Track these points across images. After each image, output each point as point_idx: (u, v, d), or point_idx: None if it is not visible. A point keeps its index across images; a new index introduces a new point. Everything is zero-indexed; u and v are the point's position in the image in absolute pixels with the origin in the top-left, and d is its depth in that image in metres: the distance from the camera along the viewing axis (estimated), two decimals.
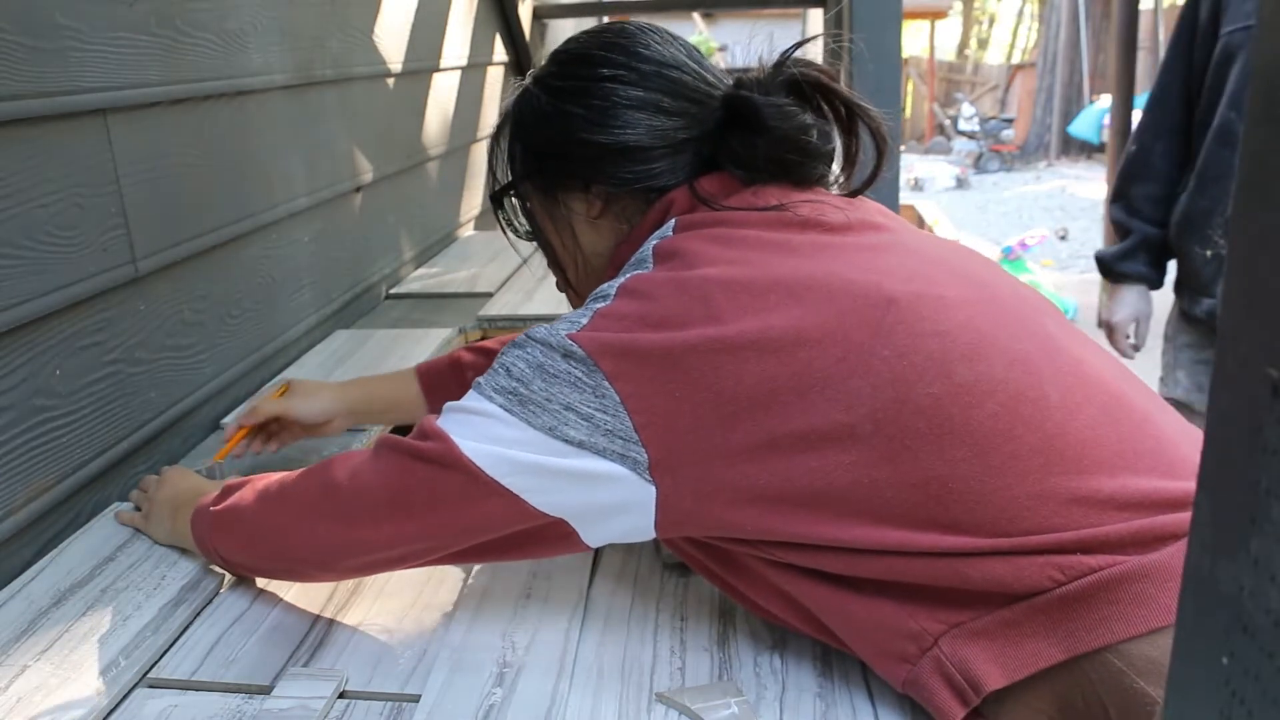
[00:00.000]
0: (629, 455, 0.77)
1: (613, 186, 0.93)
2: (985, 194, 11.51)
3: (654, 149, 0.92)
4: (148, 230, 1.31)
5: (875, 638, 0.79)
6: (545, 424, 0.78)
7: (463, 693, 0.84)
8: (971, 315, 0.79)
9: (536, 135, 0.97)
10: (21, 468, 1.10)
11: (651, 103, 0.91)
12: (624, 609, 0.96)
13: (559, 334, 0.80)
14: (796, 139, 0.89)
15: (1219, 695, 0.33)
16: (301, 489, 0.90)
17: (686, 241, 0.85)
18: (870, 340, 0.76)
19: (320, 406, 1.23)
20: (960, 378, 0.75)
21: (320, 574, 0.95)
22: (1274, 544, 0.30)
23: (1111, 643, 0.71)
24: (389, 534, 0.84)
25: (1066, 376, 0.79)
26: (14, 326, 1.08)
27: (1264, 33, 0.29)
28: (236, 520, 0.95)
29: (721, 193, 0.90)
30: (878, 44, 2.46)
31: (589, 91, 0.93)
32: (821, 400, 0.75)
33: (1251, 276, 0.30)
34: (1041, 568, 0.72)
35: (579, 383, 0.77)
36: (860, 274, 0.80)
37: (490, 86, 3.03)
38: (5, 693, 0.85)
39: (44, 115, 1.13)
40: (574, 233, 0.98)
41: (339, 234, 1.95)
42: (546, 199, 0.98)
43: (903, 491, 0.74)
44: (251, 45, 1.60)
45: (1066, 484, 0.74)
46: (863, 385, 0.75)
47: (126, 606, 0.98)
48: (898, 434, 0.74)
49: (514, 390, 0.79)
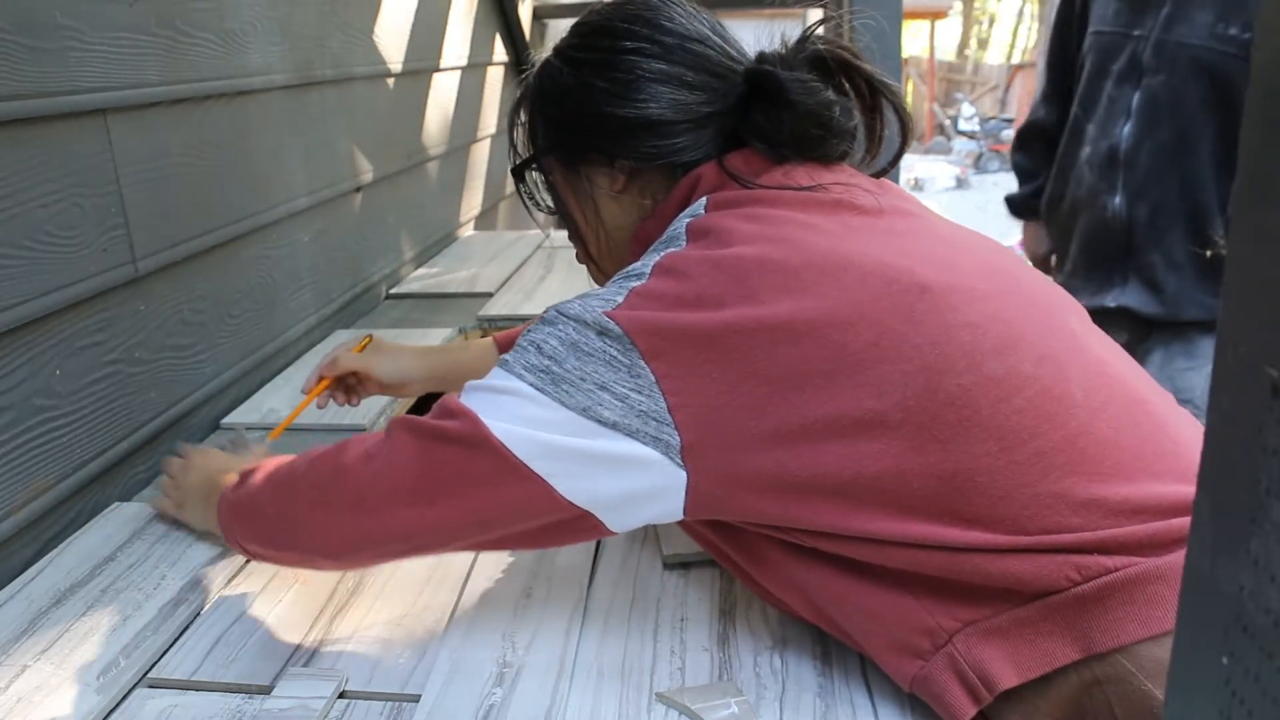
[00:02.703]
0: (661, 438, 0.75)
1: (636, 160, 0.92)
2: (985, 194, 11.50)
3: (677, 123, 0.90)
4: (148, 230, 1.31)
5: (889, 632, 0.78)
6: (579, 404, 0.75)
7: (463, 693, 0.84)
8: (1001, 308, 0.78)
9: (558, 108, 0.95)
10: (21, 468, 1.10)
11: (675, 76, 0.90)
12: (624, 609, 0.96)
13: (595, 311, 0.77)
14: (820, 114, 0.88)
15: (1219, 695, 0.33)
16: (313, 476, 0.86)
17: (720, 219, 0.84)
18: (903, 327, 0.75)
19: (401, 367, 1.20)
20: (990, 371, 0.75)
21: (330, 564, 0.91)
22: (1274, 544, 0.30)
23: (1126, 644, 0.71)
24: (406, 522, 0.81)
25: (1091, 376, 0.78)
26: (14, 326, 1.08)
27: (1264, 33, 0.29)
28: (251, 508, 0.92)
29: (751, 171, 0.88)
30: (878, 44, 2.46)
31: (611, 64, 0.91)
32: (853, 385, 0.74)
33: (1251, 276, 0.30)
34: (1059, 567, 0.72)
35: (614, 361, 0.75)
36: (893, 258, 0.79)
37: (490, 86, 3.03)
38: (5, 693, 0.85)
39: (44, 115, 1.13)
40: (597, 207, 0.96)
41: (339, 234, 1.95)
42: (569, 172, 0.97)
43: (929, 483, 0.73)
44: (251, 45, 1.60)
45: (1087, 484, 0.73)
46: (894, 372, 0.74)
47: (126, 606, 0.98)
48: (927, 423, 0.73)
49: (546, 368, 0.77)
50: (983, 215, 10.16)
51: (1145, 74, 1.78)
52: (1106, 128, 1.84)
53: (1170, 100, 1.75)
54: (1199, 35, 1.71)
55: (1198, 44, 1.71)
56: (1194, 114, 1.74)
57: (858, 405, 0.74)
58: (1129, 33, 1.80)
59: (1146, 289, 1.83)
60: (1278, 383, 0.29)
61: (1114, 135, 1.82)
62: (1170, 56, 1.74)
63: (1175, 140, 1.76)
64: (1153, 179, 1.78)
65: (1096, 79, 1.88)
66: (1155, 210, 1.79)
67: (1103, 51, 1.86)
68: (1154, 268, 1.81)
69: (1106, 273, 1.89)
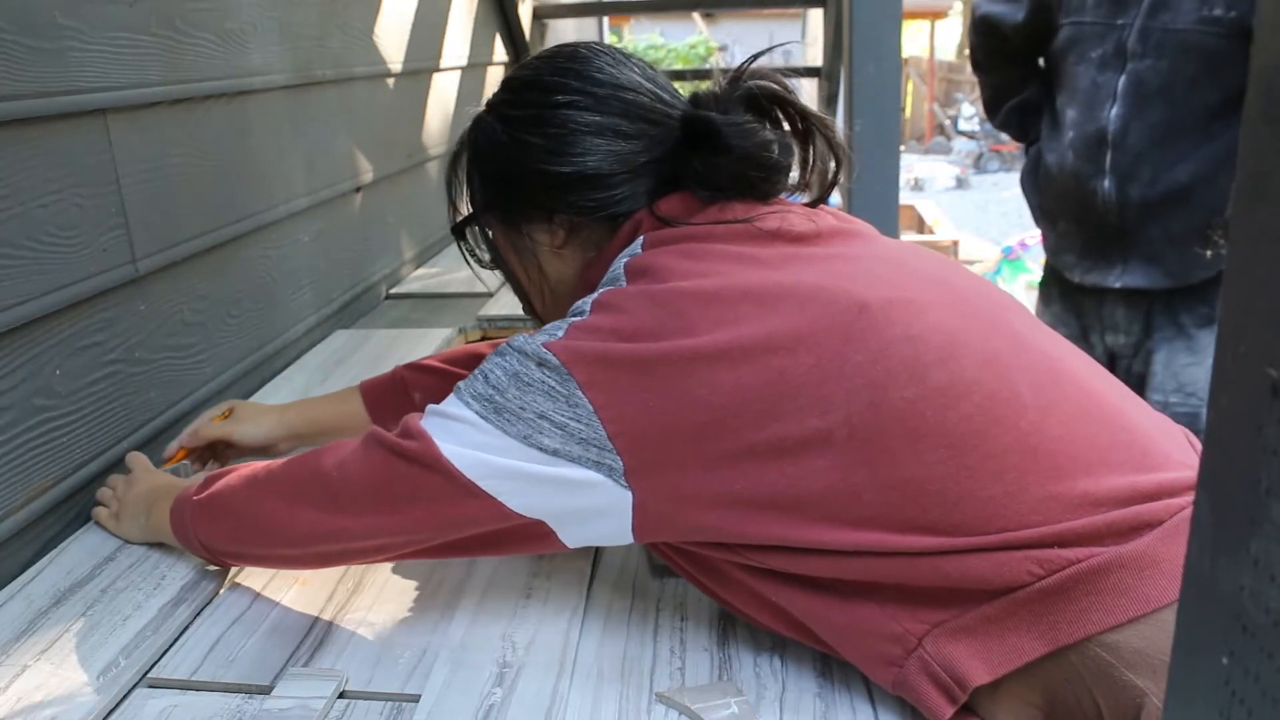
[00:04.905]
0: (604, 462, 0.77)
1: (575, 215, 0.93)
2: (985, 194, 11.50)
3: (615, 175, 0.91)
4: (148, 230, 1.31)
5: (860, 643, 0.79)
6: (520, 432, 0.78)
7: (463, 693, 0.84)
8: (941, 317, 0.79)
9: (494, 166, 0.96)
10: (21, 468, 1.10)
11: (609, 127, 0.91)
12: (624, 609, 0.96)
13: (535, 343, 0.80)
14: (758, 156, 0.89)
15: (1219, 695, 0.33)
16: (290, 475, 0.90)
17: (656, 257, 0.86)
18: (842, 346, 0.76)
19: (263, 431, 1.24)
20: (934, 381, 0.76)
21: (292, 552, 0.92)
22: (1274, 544, 0.30)
23: (1093, 633, 0.71)
24: (369, 525, 0.85)
25: (1038, 373, 0.79)
26: (14, 326, 1.08)
27: (1264, 33, 0.29)
28: (224, 506, 0.94)
29: (685, 210, 0.90)
30: (878, 44, 2.46)
31: (544, 119, 0.92)
32: (795, 407, 0.75)
33: (1251, 276, 0.30)
34: (1020, 563, 0.73)
35: (552, 392, 0.78)
36: (830, 281, 0.80)
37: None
38: (5, 693, 0.85)
39: (44, 115, 1.13)
40: (539, 262, 0.97)
41: (339, 234, 1.95)
42: (509, 230, 0.98)
43: (881, 494, 0.74)
44: (251, 45, 1.60)
45: (1043, 482, 0.74)
46: (836, 390, 0.75)
47: (126, 606, 0.98)
48: (874, 437, 0.74)
49: (490, 398, 0.80)
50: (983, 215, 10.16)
51: (1130, 59, 1.79)
52: (1092, 112, 1.85)
53: (1160, 83, 1.77)
54: (1186, 20, 1.73)
55: (1185, 28, 1.73)
56: (1185, 94, 1.76)
57: (802, 426, 0.75)
58: (1111, 22, 1.82)
59: (1149, 264, 1.85)
60: (1278, 383, 0.29)
61: (1100, 119, 1.83)
62: (1157, 41, 1.76)
63: (1165, 121, 1.78)
64: (1144, 160, 1.80)
65: (1074, 65, 1.89)
66: (1148, 189, 1.80)
67: (1082, 41, 1.88)
68: (1154, 242, 1.83)
69: (1103, 253, 1.90)
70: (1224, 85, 1.71)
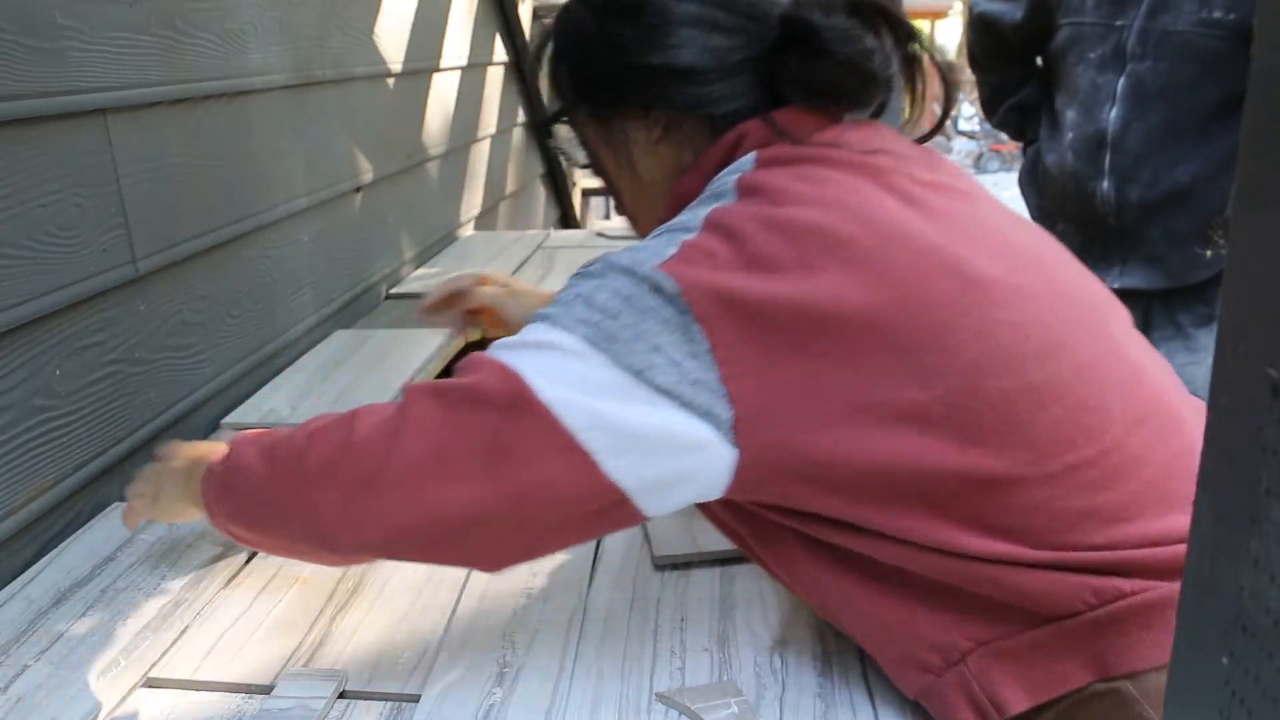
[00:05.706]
0: (713, 411, 0.69)
1: (672, 111, 0.86)
2: None
3: (711, 70, 0.84)
4: (148, 230, 1.31)
5: (895, 642, 0.77)
6: (633, 365, 0.69)
7: (463, 693, 0.84)
8: (1042, 310, 0.75)
9: (583, 59, 0.90)
10: (21, 468, 1.10)
11: (706, 18, 0.84)
12: (624, 609, 0.96)
13: (646, 264, 0.71)
14: (859, 63, 0.82)
15: (1219, 695, 0.33)
16: (319, 450, 0.76)
17: (771, 177, 0.78)
18: (952, 316, 0.71)
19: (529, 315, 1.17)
20: (1031, 376, 0.71)
21: (328, 554, 0.80)
22: (1274, 544, 0.30)
23: (1140, 669, 0.69)
24: (422, 505, 0.71)
25: (1128, 387, 0.76)
26: (14, 326, 1.08)
27: (1264, 33, 0.29)
28: (242, 481, 0.81)
29: (801, 129, 0.82)
30: None
31: (638, 8, 0.85)
32: (901, 370, 0.70)
33: (1251, 276, 0.30)
34: (1075, 589, 0.70)
35: (668, 322, 0.69)
36: (945, 241, 0.74)
37: (490, 86, 3.03)
38: (5, 693, 0.85)
39: (44, 115, 1.13)
40: (632, 160, 0.90)
41: (339, 234, 1.95)
42: (599, 125, 0.91)
43: (963, 485, 0.71)
44: (251, 45, 1.60)
45: (1114, 502, 0.71)
46: (939, 363, 0.70)
47: (126, 606, 0.98)
48: (967, 422, 0.70)
49: (597, 323, 0.70)
50: None
51: (1130, 60, 1.79)
52: (1091, 112, 1.85)
53: (1159, 84, 1.77)
54: (1185, 21, 1.73)
55: (1185, 29, 1.73)
56: (1184, 96, 1.76)
57: (903, 394, 0.70)
58: (1111, 23, 1.82)
59: (1148, 264, 1.85)
60: (1278, 383, 0.29)
61: (1100, 120, 1.83)
62: (1156, 43, 1.76)
63: (1165, 122, 1.78)
64: (1143, 161, 1.80)
65: (1074, 66, 1.89)
66: (1147, 191, 1.81)
67: (1081, 41, 1.87)
68: (1154, 243, 1.83)
69: (1101, 254, 1.90)
70: (1224, 87, 1.71)
